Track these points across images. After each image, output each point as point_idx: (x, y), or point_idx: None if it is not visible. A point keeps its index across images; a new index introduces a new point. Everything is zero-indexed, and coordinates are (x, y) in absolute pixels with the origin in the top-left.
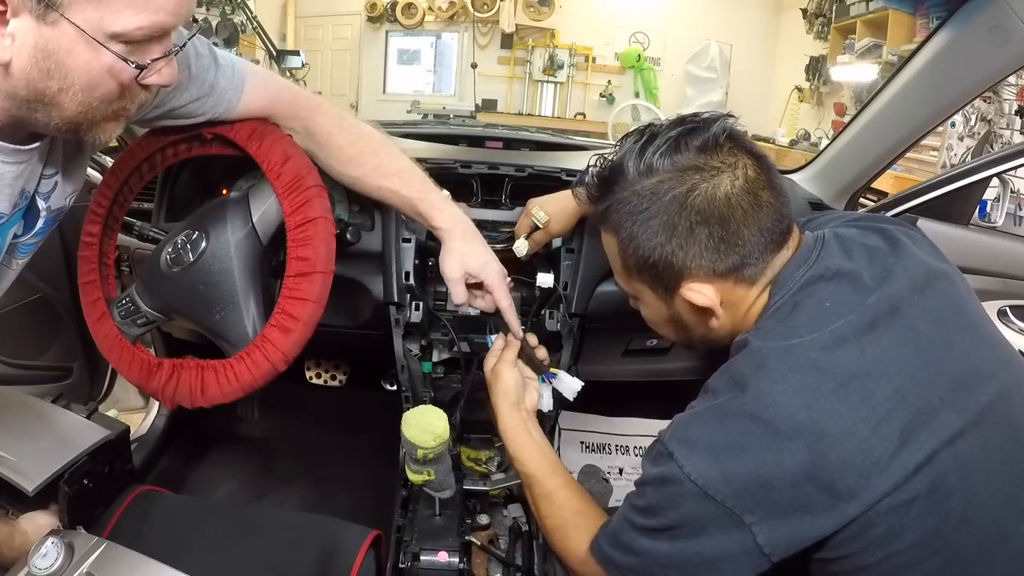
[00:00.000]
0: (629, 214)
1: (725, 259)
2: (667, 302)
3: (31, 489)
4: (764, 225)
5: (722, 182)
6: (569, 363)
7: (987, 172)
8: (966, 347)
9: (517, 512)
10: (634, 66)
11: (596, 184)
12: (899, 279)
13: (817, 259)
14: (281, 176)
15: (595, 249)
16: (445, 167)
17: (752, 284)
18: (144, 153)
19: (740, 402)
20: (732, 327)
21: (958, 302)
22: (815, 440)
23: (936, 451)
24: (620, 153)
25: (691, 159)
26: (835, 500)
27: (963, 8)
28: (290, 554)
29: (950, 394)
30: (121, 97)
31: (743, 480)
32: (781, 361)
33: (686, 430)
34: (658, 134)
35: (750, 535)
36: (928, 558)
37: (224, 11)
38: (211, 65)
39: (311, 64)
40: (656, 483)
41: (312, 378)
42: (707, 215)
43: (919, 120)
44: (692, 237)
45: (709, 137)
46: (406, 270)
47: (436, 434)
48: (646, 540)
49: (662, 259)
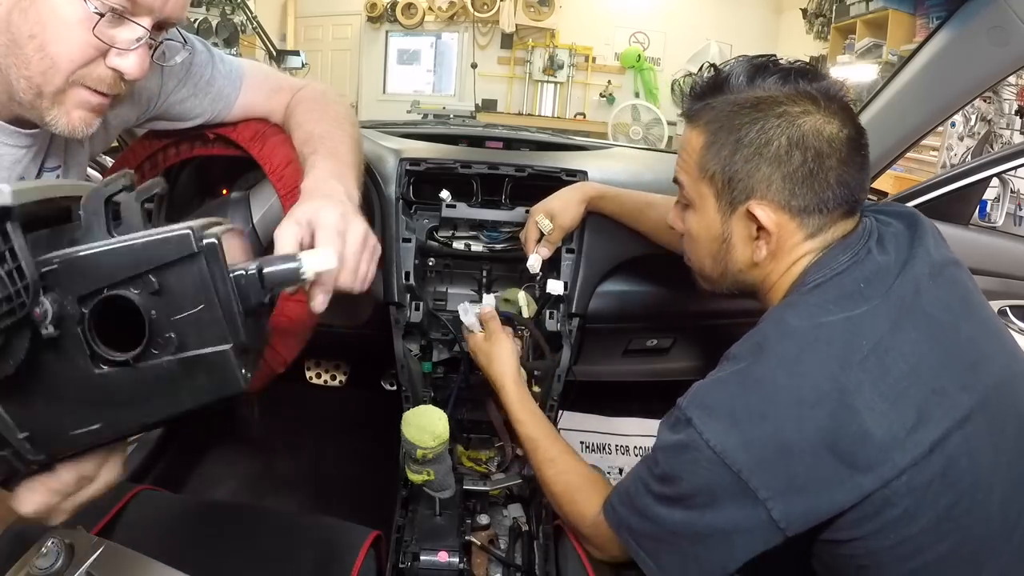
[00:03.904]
0: (732, 114)
1: (804, 194)
2: (725, 217)
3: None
4: (848, 182)
5: (832, 123)
6: (569, 364)
7: (987, 172)
8: (972, 334)
9: (517, 512)
10: (634, 66)
11: (704, 83)
12: (919, 263)
13: (866, 256)
14: (284, 178)
15: (595, 249)
16: (445, 167)
17: (809, 237)
18: (146, 152)
19: (764, 368)
20: (767, 276)
21: (965, 292)
22: (837, 409)
23: (950, 431)
24: (736, 64)
25: (812, 90)
26: (852, 472)
27: (963, 8)
28: (290, 554)
29: (960, 376)
30: (85, 66)
31: (762, 447)
32: (809, 333)
33: (706, 396)
34: (781, 61)
35: (764, 510)
36: (937, 543)
37: (224, 11)
38: (208, 62)
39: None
40: (673, 450)
41: (312, 378)
42: (809, 143)
43: (919, 120)
44: (786, 157)
45: (831, 85)
46: (406, 270)
47: (436, 434)
48: (661, 507)
49: (744, 168)
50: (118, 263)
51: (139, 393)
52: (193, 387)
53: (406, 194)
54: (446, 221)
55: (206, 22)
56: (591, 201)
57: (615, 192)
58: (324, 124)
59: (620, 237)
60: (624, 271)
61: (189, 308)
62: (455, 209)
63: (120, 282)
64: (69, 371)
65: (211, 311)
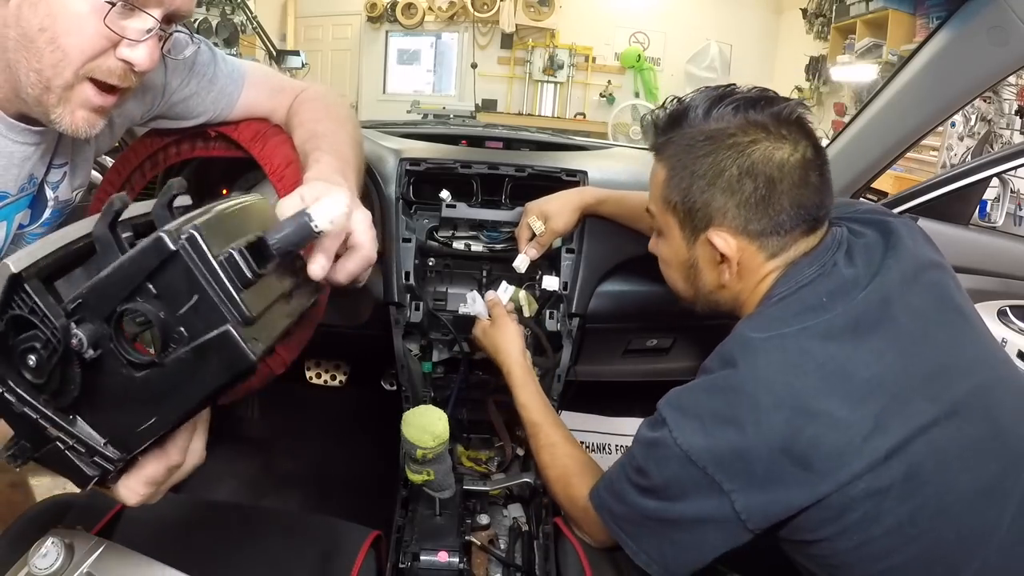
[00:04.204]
0: (688, 148)
1: (758, 219)
2: (689, 244)
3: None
4: (804, 203)
5: (782, 148)
6: (569, 364)
7: (987, 172)
8: (944, 340)
9: (517, 512)
10: (634, 66)
11: (665, 118)
12: (890, 273)
13: (832, 269)
14: (284, 179)
15: (595, 249)
16: (445, 167)
17: (771, 257)
18: (147, 150)
19: (729, 377)
20: (737, 296)
21: (944, 296)
22: (793, 416)
23: (909, 438)
24: (696, 96)
25: (762, 118)
26: (808, 475)
27: (963, 8)
28: (290, 554)
29: (924, 384)
30: (95, 58)
31: (725, 449)
32: (770, 343)
33: (680, 399)
34: (737, 91)
35: (728, 501)
36: (905, 545)
37: (224, 11)
38: (211, 61)
39: (311, 64)
40: (648, 446)
41: (312, 378)
42: (758, 171)
43: (919, 120)
44: (738, 186)
45: (784, 109)
46: (406, 270)
47: (436, 434)
48: (638, 495)
49: (701, 198)
50: (118, 282)
51: (173, 385)
52: (210, 370)
53: (406, 194)
54: (446, 221)
55: (206, 22)
56: (589, 207)
57: (616, 196)
58: (327, 123)
59: (620, 238)
60: (624, 271)
61: (186, 301)
62: (455, 209)
63: (127, 296)
64: (117, 380)
65: (205, 299)
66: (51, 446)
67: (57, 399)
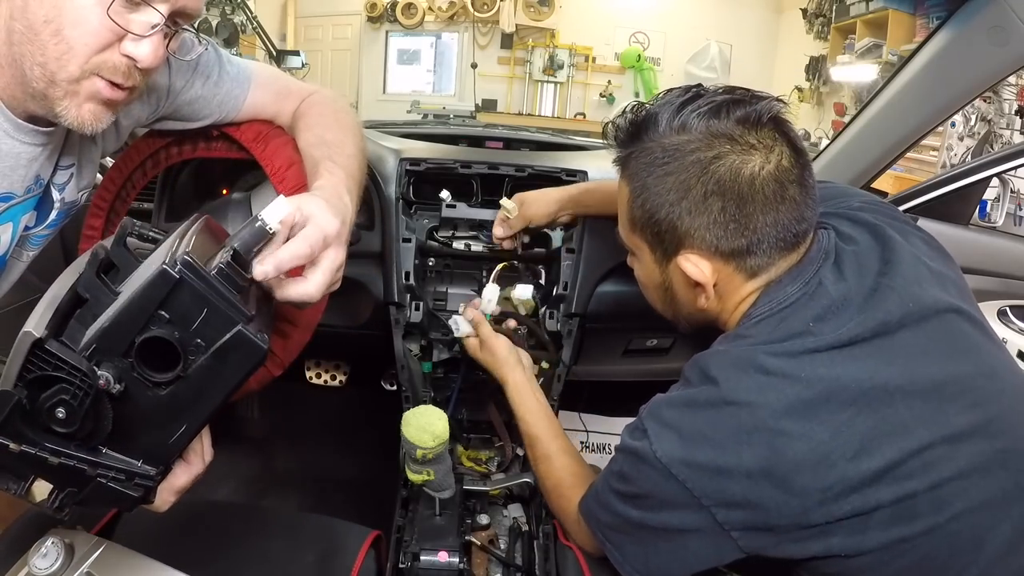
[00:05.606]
0: (648, 164)
1: (731, 240)
2: (662, 267)
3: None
4: (782, 220)
5: (751, 160)
6: (568, 364)
7: (987, 172)
8: (944, 359)
9: (517, 512)
10: (634, 66)
11: (626, 128)
12: (888, 302)
13: (818, 288)
14: (285, 180)
15: (595, 249)
16: (445, 167)
17: (751, 277)
18: (148, 149)
19: (710, 395)
20: (718, 315)
21: (956, 336)
22: (774, 438)
23: (898, 461)
24: (658, 104)
25: (727, 128)
26: (788, 497)
27: (963, 8)
28: (290, 554)
29: (920, 407)
30: (100, 52)
31: (703, 467)
32: (754, 364)
33: (660, 411)
34: (702, 95)
35: (709, 514)
36: (895, 559)
37: (224, 11)
38: (216, 63)
39: (311, 64)
40: (629, 455)
41: (312, 378)
42: (725, 188)
43: (919, 120)
44: (704, 206)
45: (752, 112)
46: (406, 270)
47: (435, 434)
48: (620, 503)
49: (667, 219)
50: (131, 317)
51: (198, 390)
52: (230, 368)
53: (406, 194)
54: (446, 221)
55: (206, 22)
56: (572, 197)
57: (605, 185)
58: (336, 131)
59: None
60: (624, 271)
61: (198, 316)
62: (455, 209)
63: (142, 328)
64: (146, 402)
65: (213, 310)
66: (93, 484)
67: (90, 439)
